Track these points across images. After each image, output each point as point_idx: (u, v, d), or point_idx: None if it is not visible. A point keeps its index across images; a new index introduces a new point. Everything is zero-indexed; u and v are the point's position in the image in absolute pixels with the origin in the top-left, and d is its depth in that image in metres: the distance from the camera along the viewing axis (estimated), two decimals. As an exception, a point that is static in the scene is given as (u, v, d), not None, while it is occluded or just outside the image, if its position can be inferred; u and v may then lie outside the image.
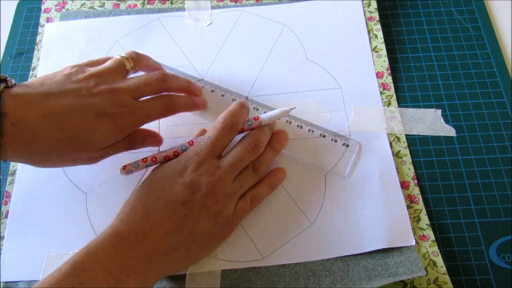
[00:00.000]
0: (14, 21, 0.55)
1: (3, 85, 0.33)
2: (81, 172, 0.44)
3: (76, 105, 0.35)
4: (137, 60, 0.41)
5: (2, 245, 0.40)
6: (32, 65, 0.51)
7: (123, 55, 0.40)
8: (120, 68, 0.39)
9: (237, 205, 0.39)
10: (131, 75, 0.41)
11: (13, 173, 0.44)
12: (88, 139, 0.35)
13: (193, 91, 0.44)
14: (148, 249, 0.33)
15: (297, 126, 0.44)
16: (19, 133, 0.32)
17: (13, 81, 0.34)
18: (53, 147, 0.34)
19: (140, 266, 0.33)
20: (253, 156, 0.39)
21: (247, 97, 0.47)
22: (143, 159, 0.39)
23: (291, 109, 0.41)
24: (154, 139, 0.42)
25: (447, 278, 0.37)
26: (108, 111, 0.36)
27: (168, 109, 0.41)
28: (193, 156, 0.37)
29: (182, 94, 0.43)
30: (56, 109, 0.34)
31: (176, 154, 0.39)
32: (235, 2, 0.54)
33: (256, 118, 0.40)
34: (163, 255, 0.34)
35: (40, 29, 0.54)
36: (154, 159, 0.39)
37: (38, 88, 0.35)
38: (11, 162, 0.45)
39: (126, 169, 0.39)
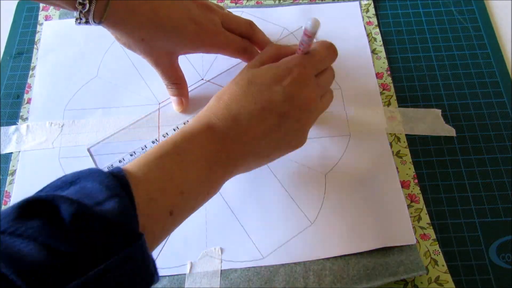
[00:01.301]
0: (14, 21, 0.55)
1: None
2: (81, 171, 0.44)
3: (176, 3, 0.39)
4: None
5: (2, 245, 0.40)
6: (32, 64, 0.51)
7: None
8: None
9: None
10: None
11: (13, 173, 0.44)
12: (173, 33, 0.39)
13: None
14: (237, 150, 0.34)
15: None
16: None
17: None
18: (143, 25, 0.38)
19: (228, 161, 0.34)
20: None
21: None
22: None
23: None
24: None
25: (448, 277, 0.37)
26: (198, 20, 0.40)
27: (244, 51, 0.43)
28: (296, 65, 0.36)
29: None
30: None
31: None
32: (235, 3, 0.54)
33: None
34: (247, 157, 0.36)
35: (39, 28, 0.54)
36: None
37: None
38: (11, 162, 0.45)
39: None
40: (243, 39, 0.43)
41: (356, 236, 0.39)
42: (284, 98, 0.35)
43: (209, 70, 0.49)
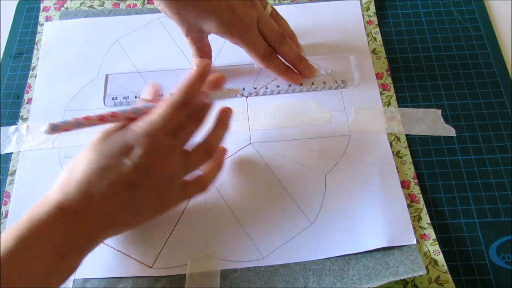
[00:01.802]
0: (14, 21, 0.55)
1: None
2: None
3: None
4: None
5: (2, 245, 0.40)
6: (32, 64, 0.51)
7: None
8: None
9: (187, 184, 0.37)
10: None
11: (13, 173, 0.44)
12: (207, 15, 0.42)
13: (301, 68, 0.47)
14: (93, 227, 0.33)
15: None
16: None
17: None
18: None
19: (84, 242, 0.33)
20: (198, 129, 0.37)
21: (247, 97, 0.47)
22: (76, 118, 0.34)
23: (238, 89, 0.42)
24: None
25: (448, 276, 0.37)
26: (236, 11, 0.41)
27: (263, 58, 0.45)
28: (143, 134, 0.33)
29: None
30: None
31: (114, 117, 0.35)
32: (235, 2, 0.54)
33: (204, 92, 0.37)
34: (107, 229, 0.34)
35: (39, 28, 0.54)
36: (87, 119, 0.34)
37: None
38: (11, 162, 0.45)
39: (50, 125, 0.33)
40: (268, 46, 0.45)
41: (356, 236, 0.39)
42: (132, 168, 0.33)
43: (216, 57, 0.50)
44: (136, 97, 0.47)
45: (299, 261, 0.38)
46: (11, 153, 0.45)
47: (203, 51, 0.46)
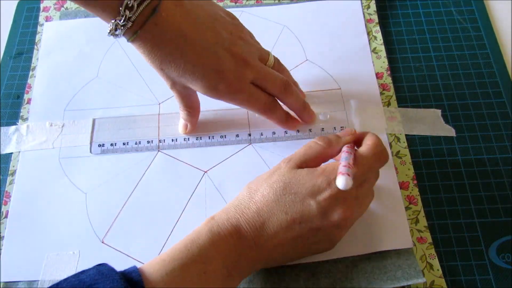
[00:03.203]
0: (14, 21, 0.55)
1: None
2: (81, 172, 0.44)
3: (208, 52, 0.36)
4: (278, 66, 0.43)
5: (2, 245, 0.40)
6: (32, 65, 0.51)
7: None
8: (263, 52, 0.41)
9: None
10: None
11: (13, 173, 0.44)
12: (192, 79, 0.37)
13: (304, 116, 0.44)
14: (260, 256, 0.34)
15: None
16: (157, 34, 0.34)
17: None
18: (164, 60, 0.36)
19: (247, 267, 0.34)
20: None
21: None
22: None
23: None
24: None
25: (443, 281, 0.37)
26: (226, 75, 0.37)
27: (266, 111, 0.41)
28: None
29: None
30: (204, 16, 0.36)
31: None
32: (235, 3, 0.54)
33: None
34: (270, 261, 0.36)
35: (39, 29, 0.54)
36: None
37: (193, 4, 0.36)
38: (11, 163, 0.45)
39: None
40: (269, 96, 0.41)
41: (354, 239, 0.39)
42: (317, 214, 0.33)
43: None
44: (124, 144, 0.45)
45: (298, 263, 0.38)
46: (11, 153, 0.45)
47: (190, 104, 0.43)
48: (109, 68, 0.50)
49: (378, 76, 0.48)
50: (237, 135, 0.45)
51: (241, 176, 0.43)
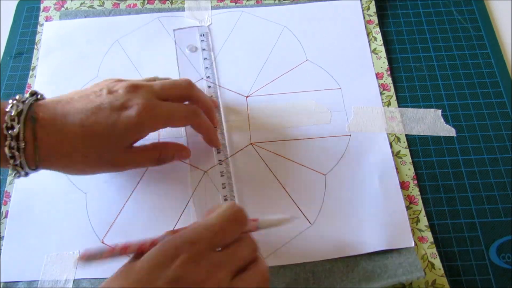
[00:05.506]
0: (14, 21, 0.55)
1: (33, 98, 0.36)
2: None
3: (96, 102, 0.36)
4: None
5: (2, 245, 0.40)
6: (32, 65, 0.51)
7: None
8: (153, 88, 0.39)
9: None
10: None
11: (13, 173, 0.44)
12: (108, 134, 0.35)
13: (211, 110, 0.43)
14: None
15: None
16: (47, 134, 0.34)
17: (44, 96, 0.37)
18: (77, 147, 0.35)
19: None
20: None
21: (247, 97, 0.47)
22: (111, 248, 0.31)
23: (290, 218, 0.36)
24: (184, 153, 0.42)
25: (444, 280, 0.37)
26: (127, 104, 0.36)
27: (193, 117, 0.40)
28: (185, 244, 0.30)
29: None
30: (77, 109, 0.35)
31: (154, 245, 0.31)
32: (235, 3, 0.54)
33: (255, 219, 0.35)
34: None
35: (39, 29, 0.54)
36: (124, 249, 0.31)
37: (64, 97, 0.37)
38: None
39: (86, 257, 0.31)
40: (187, 104, 0.41)
41: (355, 238, 0.39)
42: (166, 284, 0.29)
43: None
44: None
45: (299, 262, 0.38)
46: (11, 153, 0.45)
47: (160, 159, 0.40)
48: (109, 68, 0.50)
49: (378, 76, 0.48)
50: (238, 135, 0.45)
51: (241, 175, 0.43)
